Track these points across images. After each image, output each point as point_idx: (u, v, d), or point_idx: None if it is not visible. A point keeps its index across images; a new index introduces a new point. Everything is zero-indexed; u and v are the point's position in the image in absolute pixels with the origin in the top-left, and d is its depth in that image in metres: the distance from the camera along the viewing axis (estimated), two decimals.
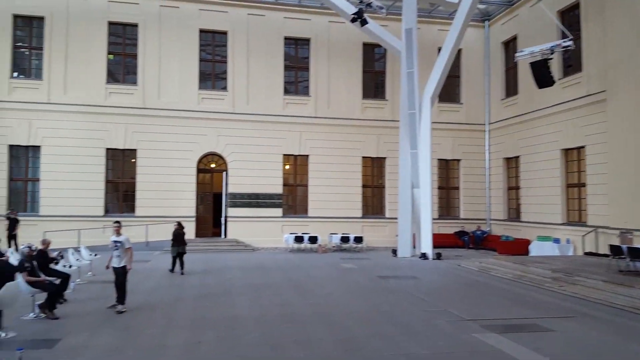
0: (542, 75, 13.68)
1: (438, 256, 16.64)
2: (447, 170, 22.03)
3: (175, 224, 13.84)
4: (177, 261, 13.28)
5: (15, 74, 18.78)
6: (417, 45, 17.06)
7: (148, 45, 19.35)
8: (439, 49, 17.98)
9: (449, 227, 21.04)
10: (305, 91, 20.86)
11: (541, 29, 17.71)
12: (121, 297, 8.67)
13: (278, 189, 20.00)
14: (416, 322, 8.11)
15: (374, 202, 21.31)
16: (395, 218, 18.43)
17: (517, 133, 19.70)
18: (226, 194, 19.65)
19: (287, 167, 20.50)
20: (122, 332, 7.36)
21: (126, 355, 6.41)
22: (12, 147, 18.41)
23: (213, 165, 20.16)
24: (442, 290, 11.37)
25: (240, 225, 19.51)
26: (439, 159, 21.22)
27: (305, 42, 20.87)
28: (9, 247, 15.10)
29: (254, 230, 19.47)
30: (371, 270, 14.24)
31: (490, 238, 20.47)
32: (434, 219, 17.59)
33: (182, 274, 13.01)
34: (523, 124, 19.31)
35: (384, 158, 21.12)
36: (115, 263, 8.74)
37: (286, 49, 20.68)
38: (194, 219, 19.25)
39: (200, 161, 19.74)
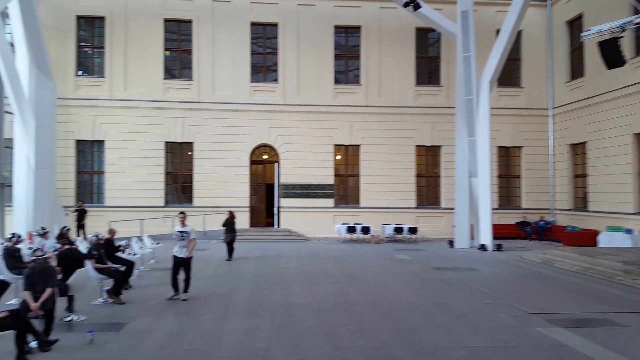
0: (611, 55, 12.65)
1: (498, 247, 15.99)
2: (507, 158, 21.05)
3: (227, 212, 14.52)
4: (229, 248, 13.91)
5: (80, 73, 19.85)
6: (473, 28, 16.37)
7: (202, 41, 19.82)
8: (498, 31, 17.13)
9: (510, 218, 20.14)
10: (355, 80, 20.60)
11: (609, 6, 16.46)
12: (187, 285, 8.89)
13: (329, 179, 19.96)
14: (475, 315, 7.80)
15: (428, 192, 20.77)
16: (452, 208, 17.89)
17: (584, 117, 18.46)
18: (278, 185, 19.87)
19: (339, 157, 20.40)
20: (182, 317, 7.59)
21: (187, 339, 6.60)
22: (78, 142, 19.54)
23: (265, 157, 20.42)
24: (502, 282, 10.88)
25: (293, 215, 19.69)
26: (498, 147, 20.28)
27: (356, 30, 20.57)
28: (78, 236, 16.07)
29: (306, 221, 19.57)
30: (426, 261, 13.91)
31: (554, 229, 19.44)
32: (493, 209, 16.88)
33: (228, 259, 13.62)
34: (590, 107, 18.06)
35: (439, 146, 20.51)
36: (180, 253, 8.79)
37: (336, 38, 20.49)
38: (247, 209, 19.63)
39: (253, 153, 20.05)
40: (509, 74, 20.34)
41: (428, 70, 21.02)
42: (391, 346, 6.34)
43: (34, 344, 5.92)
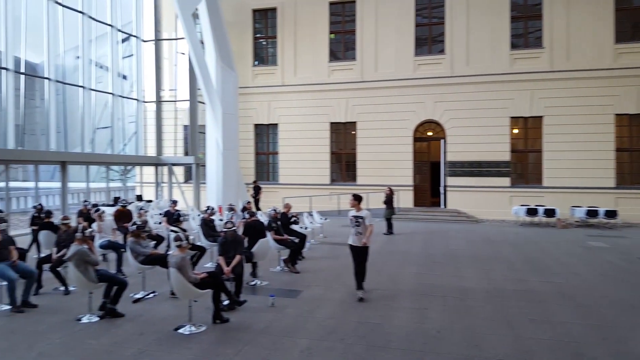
0: None
1: None
2: None
3: (387, 189, 14.87)
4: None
5: (256, 63, 21.64)
6: None
7: (365, 20, 19.78)
8: None
9: None
10: (537, 43, 18.20)
11: None
12: (360, 281, 7.33)
13: (505, 155, 18.17)
14: None
15: (632, 169, 17.40)
16: None
17: None
18: (445, 163, 18.91)
19: (516, 131, 18.40)
20: (351, 290, 7.65)
21: (357, 310, 6.62)
22: (256, 126, 21.46)
23: (430, 134, 19.61)
24: None
25: (461, 195, 18.56)
26: None
27: None
28: (257, 210, 17.71)
29: (477, 201, 18.26)
30: (630, 250, 11.72)
31: None
32: None
33: (385, 233, 14.09)
34: None
35: None
36: (356, 241, 7.22)
37: None
38: (411, 188, 19.19)
39: (416, 130, 19.43)
40: None
41: (632, 24, 17.46)
42: (586, 343, 5.43)
43: (226, 303, 6.58)
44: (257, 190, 19.42)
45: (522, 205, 17.09)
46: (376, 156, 19.44)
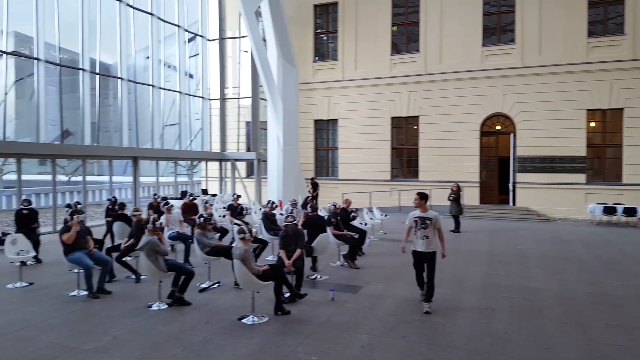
0: None
1: None
2: None
3: (454, 185, 14.33)
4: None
5: (317, 58, 21.72)
6: None
7: (429, 10, 19.23)
8: None
9: None
10: (617, 30, 16.81)
11: None
12: (429, 293, 6.42)
13: (580, 150, 16.96)
14: None
15: None
16: None
17: None
18: (514, 158, 17.99)
19: (593, 124, 17.15)
20: (411, 287, 7.45)
21: (419, 307, 6.45)
22: (316, 122, 21.57)
23: (498, 127, 18.74)
24: None
25: (531, 192, 17.59)
26: None
27: None
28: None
29: (549, 199, 17.23)
30: None
31: None
32: None
33: (451, 231, 13.50)
34: None
35: None
36: (422, 246, 6.33)
37: None
38: (477, 184, 18.46)
39: (483, 123, 18.64)
40: None
41: None
42: None
43: (287, 295, 6.65)
44: (314, 187, 19.51)
45: (598, 204, 15.93)
46: (440, 151, 18.89)
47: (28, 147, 13.26)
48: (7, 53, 13.50)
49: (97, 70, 16.22)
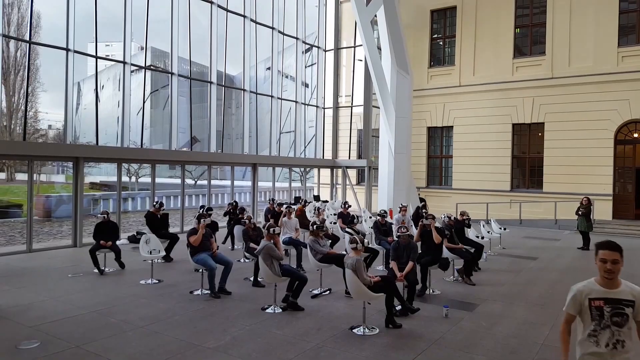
0: None
1: None
2: None
3: (584, 198, 12.99)
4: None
5: (432, 64, 21.17)
6: None
7: (557, 10, 17.69)
8: None
9: None
10: None
11: None
12: None
13: None
14: None
15: None
16: None
17: None
18: None
19: None
20: (533, 308, 6.87)
21: (542, 331, 5.91)
22: (429, 129, 21.01)
23: (636, 135, 16.55)
24: None
25: None
26: None
27: None
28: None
29: None
30: None
31: None
32: None
33: (579, 248, 12.48)
34: None
35: None
36: None
37: None
38: (610, 197, 16.47)
39: (619, 131, 16.60)
40: None
41: None
42: None
43: (398, 308, 6.55)
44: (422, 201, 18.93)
45: None
46: (567, 160, 17.25)
47: (162, 154, 14.87)
48: (146, 68, 15.27)
49: (224, 82, 17.62)
